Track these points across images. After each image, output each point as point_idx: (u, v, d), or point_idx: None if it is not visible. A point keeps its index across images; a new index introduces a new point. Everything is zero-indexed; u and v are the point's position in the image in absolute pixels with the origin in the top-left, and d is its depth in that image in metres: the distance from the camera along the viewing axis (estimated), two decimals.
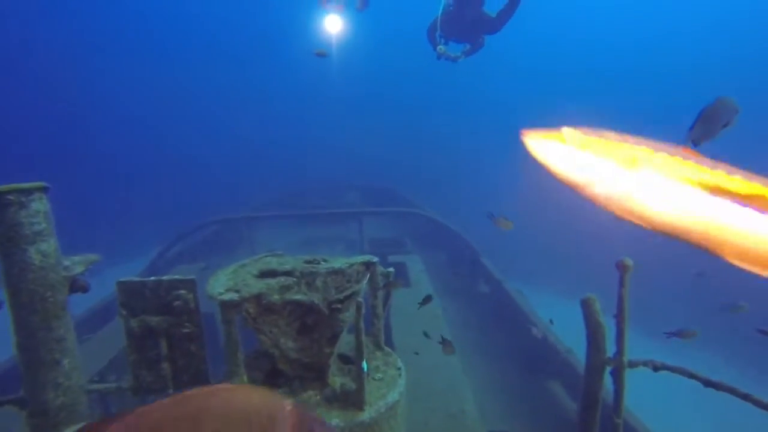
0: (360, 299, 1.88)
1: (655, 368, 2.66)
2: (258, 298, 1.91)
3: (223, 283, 1.95)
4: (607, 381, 2.77)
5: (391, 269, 2.42)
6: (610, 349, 2.75)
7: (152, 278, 2.43)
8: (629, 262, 2.60)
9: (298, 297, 1.95)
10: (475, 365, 6.07)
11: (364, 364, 1.90)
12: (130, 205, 22.32)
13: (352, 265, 2.16)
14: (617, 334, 2.70)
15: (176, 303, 2.38)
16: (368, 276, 2.26)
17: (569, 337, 6.57)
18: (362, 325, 1.87)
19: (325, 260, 2.25)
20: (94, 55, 30.97)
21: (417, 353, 4.14)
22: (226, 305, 1.88)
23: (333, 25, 8.57)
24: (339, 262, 2.17)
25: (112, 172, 25.59)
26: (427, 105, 34.20)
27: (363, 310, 1.88)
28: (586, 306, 2.76)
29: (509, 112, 31.64)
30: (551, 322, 6.08)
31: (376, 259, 2.27)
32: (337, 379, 2.16)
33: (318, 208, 10.45)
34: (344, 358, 2.38)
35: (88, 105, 29.30)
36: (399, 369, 2.28)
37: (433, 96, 34.19)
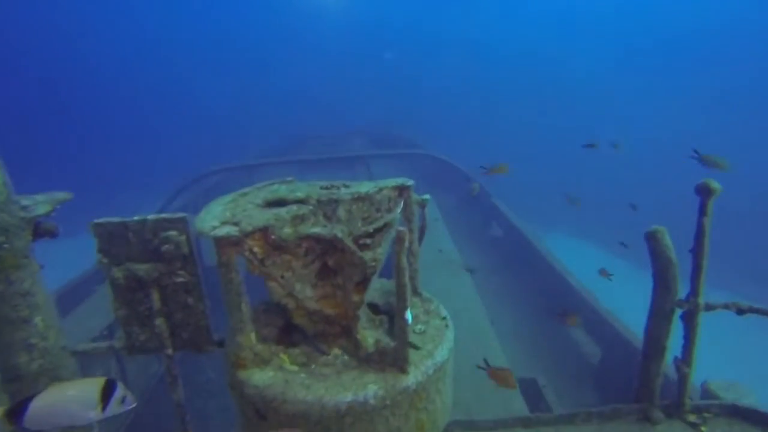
0: (402, 229, 1.41)
1: (740, 311, 2.24)
2: (264, 232, 1.45)
3: (217, 215, 1.47)
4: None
5: (427, 196, 1.94)
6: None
7: (135, 218, 1.98)
8: (715, 184, 2.10)
9: (316, 230, 1.49)
10: (496, 309, 5.79)
11: (408, 314, 1.46)
12: (131, 158, 21.88)
13: (381, 189, 1.69)
14: (693, 271, 2.26)
15: (165, 247, 1.95)
16: (402, 204, 1.79)
17: (585, 279, 6.27)
18: (405, 263, 1.42)
19: (346, 185, 1.77)
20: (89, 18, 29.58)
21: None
22: (222, 243, 1.42)
23: None
24: (365, 187, 1.69)
25: (113, 127, 25.01)
26: (432, 46, 32.65)
27: (407, 243, 1.41)
28: (653, 240, 2.30)
29: (525, 54, 30.24)
30: (623, 245, 5.95)
31: (411, 182, 1.79)
32: (367, 335, 1.74)
33: (322, 154, 9.94)
34: (373, 308, 1.95)
35: (81, 64, 28.22)
36: (444, 318, 1.86)
37: (439, 37, 32.57)
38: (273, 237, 1.44)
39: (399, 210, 1.75)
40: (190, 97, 29.21)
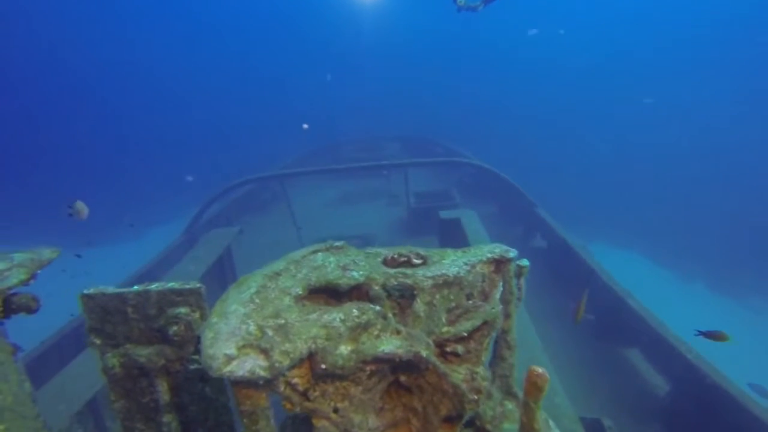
0: (512, 337, 0.84)
1: None
2: (312, 359, 0.92)
3: (234, 330, 0.92)
4: None
5: (526, 261, 1.37)
6: None
7: (134, 288, 1.50)
8: None
9: (388, 348, 0.95)
10: (546, 333, 5.18)
11: None
12: (167, 167, 22.10)
13: (473, 266, 1.14)
14: None
15: (173, 329, 1.46)
16: (501, 285, 1.23)
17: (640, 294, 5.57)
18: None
19: (419, 256, 1.22)
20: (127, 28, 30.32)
21: None
22: (241, 386, 0.89)
23: None
24: (452, 265, 1.14)
25: (150, 135, 25.43)
26: (467, 57, 32.17)
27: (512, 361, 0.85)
28: None
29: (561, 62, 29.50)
30: None
31: (513, 253, 1.24)
32: None
33: (356, 162, 9.48)
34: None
35: (119, 74, 28.88)
36: None
37: (473, 48, 32.07)
38: (323, 366, 0.90)
39: (498, 296, 1.20)
40: (224, 106, 29.51)
